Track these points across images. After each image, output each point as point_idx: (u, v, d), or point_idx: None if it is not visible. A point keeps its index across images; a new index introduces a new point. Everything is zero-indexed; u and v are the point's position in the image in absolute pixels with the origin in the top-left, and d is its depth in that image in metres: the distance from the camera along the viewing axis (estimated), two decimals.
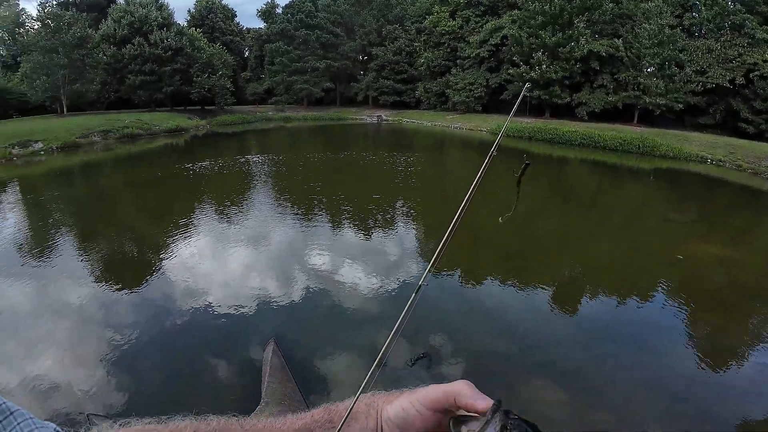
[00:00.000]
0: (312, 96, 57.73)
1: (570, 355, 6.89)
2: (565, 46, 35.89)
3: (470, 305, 8.46)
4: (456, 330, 7.47)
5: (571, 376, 6.34)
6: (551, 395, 5.93)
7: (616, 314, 8.12)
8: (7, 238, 12.42)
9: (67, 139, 27.87)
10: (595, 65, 37.12)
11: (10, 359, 7.05)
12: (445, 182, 20.00)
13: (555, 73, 36.59)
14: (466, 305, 8.44)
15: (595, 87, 38.25)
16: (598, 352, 7.01)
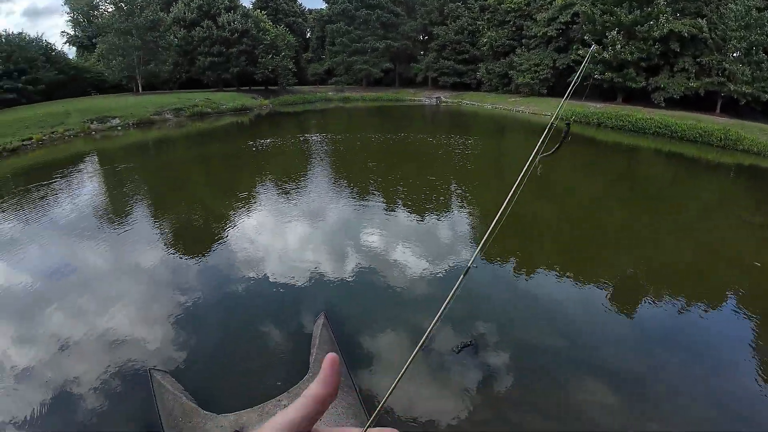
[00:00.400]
0: (371, 76, 57.58)
1: (625, 359, 6.31)
2: (643, 25, 32.62)
3: (521, 296, 8.05)
4: (505, 320, 7.12)
5: (624, 381, 5.83)
6: (602, 398, 5.51)
7: (678, 320, 7.34)
8: (86, 204, 13.53)
9: (142, 116, 29.84)
10: (676, 47, 33.29)
11: (84, 313, 7.64)
12: (502, 167, 19.21)
13: (630, 54, 33.39)
14: (517, 296, 8.05)
15: (675, 71, 34.45)
16: (655, 359, 6.33)
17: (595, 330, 7.06)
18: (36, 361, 6.46)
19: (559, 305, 7.69)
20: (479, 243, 2.01)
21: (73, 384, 5.99)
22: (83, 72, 44.23)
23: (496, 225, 1.98)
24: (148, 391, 5.62)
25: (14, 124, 24.05)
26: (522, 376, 5.94)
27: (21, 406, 5.64)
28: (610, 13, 34.11)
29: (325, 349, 5.84)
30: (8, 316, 7.66)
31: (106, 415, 5.46)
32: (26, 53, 36.59)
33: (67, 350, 6.66)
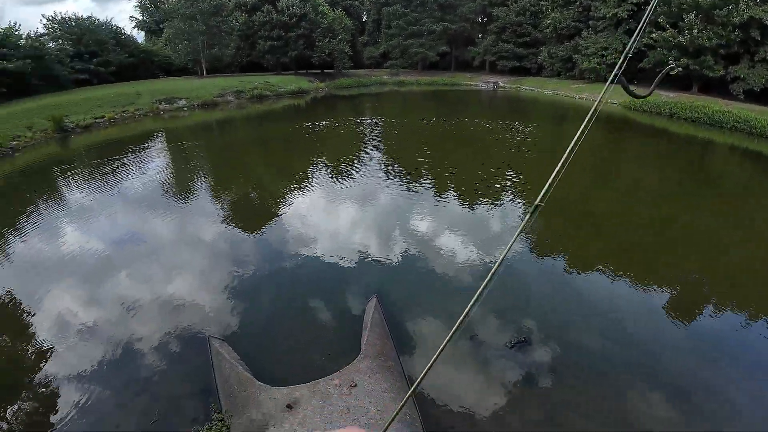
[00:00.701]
0: (427, 60, 56.40)
1: (683, 369, 5.62)
2: (722, 9, 29.23)
3: (577, 294, 7.34)
4: (559, 319, 6.58)
5: (681, 392, 5.19)
6: (657, 410, 4.91)
7: (745, 333, 6.40)
8: (153, 178, 14.18)
9: (206, 98, 31.05)
10: (756, 35, 29.53)
11: (148, 279, 7.94)
12: (561, 157, 17.91)
13: (708, 39, 29.99)
14: (572, 294, 7.36)
15: (756, 60, 30.64)
16: (717, 373, 5.58)
17: (652, 336, 6.34)
18: (102, 320, 6.76)
19: (615, 307, 6.99)
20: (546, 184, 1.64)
21: (135, 342, 6.21)
22: (152, 55, 46.61)
23: (566, 161, 1.71)
24: (205, 356, 5.67)
25: (86, 102, 25.68)
26: (575, 377, 5.47)
27: (84, 361, 5.92)
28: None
29: (376, 332, 5.66)
30: (79, 277, 8.09)
31: (165, 374, 5.59)
32: (96, 36, 38.95)
33: (132, 312, 6.93)
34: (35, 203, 12.26)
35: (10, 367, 6.01)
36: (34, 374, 5.79)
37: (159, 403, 5.13)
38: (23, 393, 5.50)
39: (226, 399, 4.88)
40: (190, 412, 5.02)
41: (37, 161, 17.13)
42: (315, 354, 5.76)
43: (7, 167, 16.23)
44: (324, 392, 4.61)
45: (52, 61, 32.60)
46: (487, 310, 6.71)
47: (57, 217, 11.14)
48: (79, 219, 10.85)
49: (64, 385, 5.55)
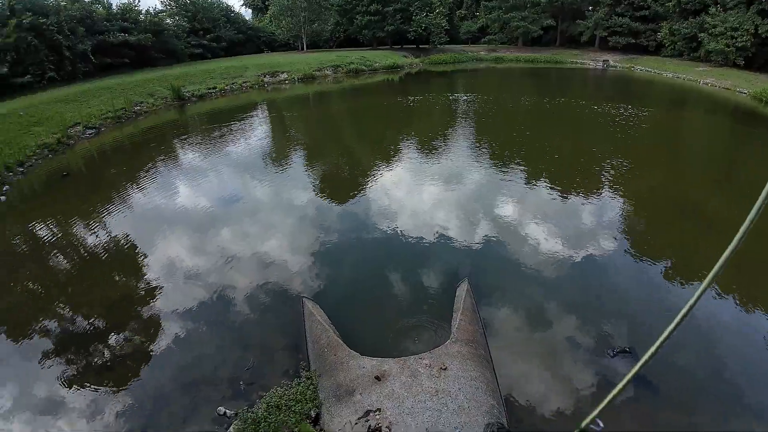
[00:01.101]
0: (528, 35, 52.59)
1: None
2: None
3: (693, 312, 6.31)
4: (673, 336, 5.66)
5: None
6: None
7: None
8: (255, 144, 15.01)
9: (306, 72, 32.15)
10: None
11: (247, 235, 8.37)
12: (677, 150, 15.44)
13: None
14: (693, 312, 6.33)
15: None
16: None
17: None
18: (205, 268, 7.26)
19: (740, 330, 5.82)
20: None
21: (233, 292, 6.58)
22: (258, 32, 49.22)
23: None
24: (297, 314, 5.77)
25: (201, 74, 27.87)
26: (679, 399, 4.70)
27: (187, 302, 6.43)
28: None
29: (467, 317, 5.32)
30: (186, 227, 8.84)
31: (259, 326, 5.85)
32: (209, 14, 41.99)
33: (231, 263, 7.35)
34: (154, 160, 13.59)
35: (123, 300, 6.68)
36: (142, 308, 6.41)
37: (253, 352, 5.33)
38: (132, 324, 6.09)
39: (315, 359, 4.90)
40: (281, 366, 5.15)
41: (159, 124, 18.96)
42: (401, 329, 5.58)
43: (131, 129, 18.17)
44: (413, 370, 4.41)
45: (170, 36, 35.72)
46: (589, 311, 6.03)
47: (170, 173, 12.28)
48: (189, 176, 11.85)
49: (167, 322, 6.07)
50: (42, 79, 23.60)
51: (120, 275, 7.45)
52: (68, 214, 9.92)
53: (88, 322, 6.19)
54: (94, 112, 18.55)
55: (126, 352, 5.56)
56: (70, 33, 25.65)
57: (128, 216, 9.52)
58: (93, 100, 19.98)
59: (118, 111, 19.54)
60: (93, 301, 6.73)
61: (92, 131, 17.29)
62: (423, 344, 5.23)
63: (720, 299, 6.25)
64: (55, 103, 18.62)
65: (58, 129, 15.93)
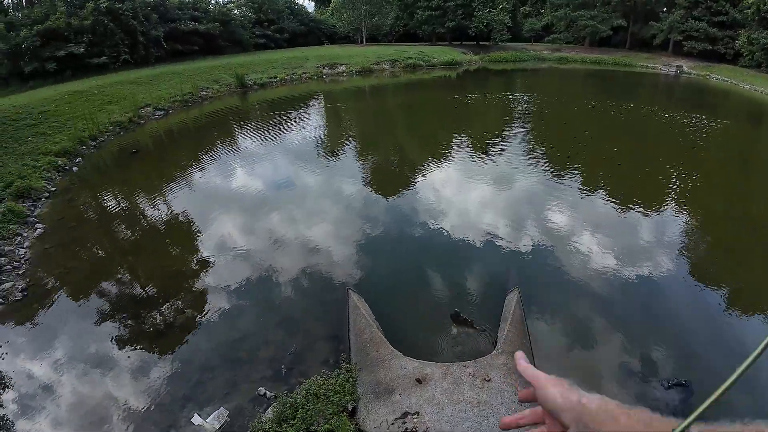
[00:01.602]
0: (596, 35, 49.90)
1: None
2: None
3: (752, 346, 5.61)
4: (728, 370, 5.06)
5: None
6: None
7: None
8: (310, 133, 15.27)
9: (364, 65, 32.36)
10: None
11: (297, 221, 8.52)
12: (750, 168, 13.79)
13: None
14: (747, 344, 5.62)
15: None
16: None
17: None
18: (255, 248, 7.49)
19: None
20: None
21: (280, 274, 6.75)
22: (319, 24, 50.12)
23: None
24: (342, 305, 5.79)
25: (264, 64, 28.72)
26: None
27: (235, 279, 6.66)
28: None
29: (516, 329, 5.09)
30: (240, 208, 9.18)
31: (304, 312, 5.93)
32: (274, 5, 43.23)
33: (279, 247, 7.52)
34: (215, 143, 14.19)
35: (178, 272, 7.01)
36: (195, 282, 6.68)
37: (295, 338, 5.40)
38: (184, 295, 6.36)
39: (357, 353, 4.88)
40: (322, 354, 5.18)
41: (221, 109, 19.78)
42: (446, 334, 5.44)
43: (196, 112, 19.07)
44: (456, 378, 4.27)
45: (237, 26, 37.12)
46: (643, 335, 5.61)
47: (229, 156, 12.78)
48: (245, 160, 12.32)
49: (217, 297, 6.30)
50: (117, 61, 25.27)
51: (176, 249, 7.84)
52: (134, 188, 10.58)
53: (144, 290, 6.57)
54: (163, 95, 19.63)
55: (177, 322, 5.82)
56: (145, 19, 27.25)
57: (188, 194, 9.99)
58: (163, 84, 21.13)
59: (186, 95, 20.56)
60: (150, 271, 7.13)
61: (161, 112, 18.30)
62: (467, 351, 5.07)
63: None
64: (128, 85, 19.86)
65: (130, 108, 16.98)
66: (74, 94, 16.93)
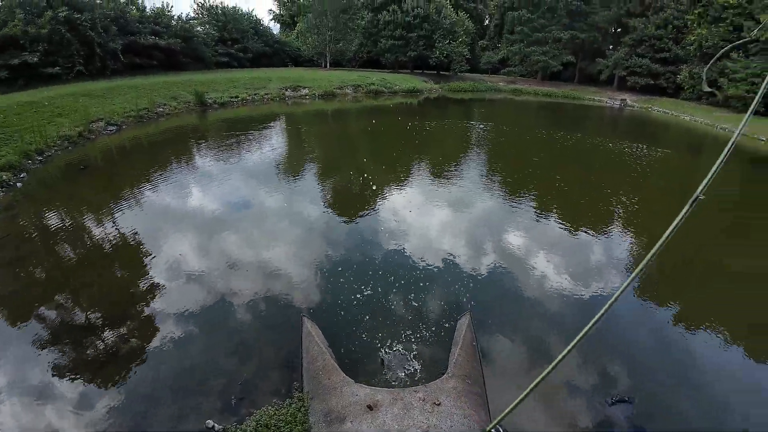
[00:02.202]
0: (548, 69, 53.27)
1: None
2: None
3: (698, 363, 6.14)
4: (673, 386, 5.47)
5: None
6: None
7: None
8: (269, 155, 15.21)
9: (327, 89, 32.80)
10: None
11: (253, 244, 8.40)
12: (688, 194, 15.35)
13: None
14: (693, 361, 6.16)
15: None
16: None
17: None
18: (208, 272, 7.31)
19: (745, 382, 5.70)
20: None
21: (233, 299, 6.61)
22: (284, 46, 50.46)
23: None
24: (296, 331, 5.75)
25: (226, 82, 28.55)
26: None
27: (187, 305, 6.44)
28: None
29: (466, 353, 5.27)
30: (193, 229, 8.93)
31: (256, 339, 5.81)
32: (239, 25, 43.30)
33: (234, 271, 7.39)
34: (169, 161, 13.86)
35: (124, 297, 6.74)
36: (142, 307, 6.45)
37: (247, 366, 5.30)
38: (130, 322, 6.12)
39: (309, 380, 4.86)
40: (274, 383, 5.10)
41: (178, 127, 19.38)
42: (398, 360, 5.51)
43: (152, 129, 18.60)
44: (407, 403, 4.35)
45: (199, 43, 36.78)
46: (589, 355, 5.91)
47: (184, 175, 12.48)
48: (201, 180, 12.07)
49: (165, 324, 6.08)
50: (71, 72, 24.35)
51: (123, 272, 7.53)
52: (80, 206, 10.12)
53: (87, 315, 6.25)
54: (117, 110, 19.03)
55: (123, 350, 5.57)
56: (103, 31, 26.58)
57: (139, 214, 9.65)
58: (118, 98, 20.51)
59: (141, 110, 20.03)
60: (94, 295, 6.81)
61: (114, 128, 17.69)
62: (419, 376, 5.17)
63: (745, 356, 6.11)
64: (81, 97, 19.14)
65: (81, 122, 16.33)
66: (24, 105, 16.14)
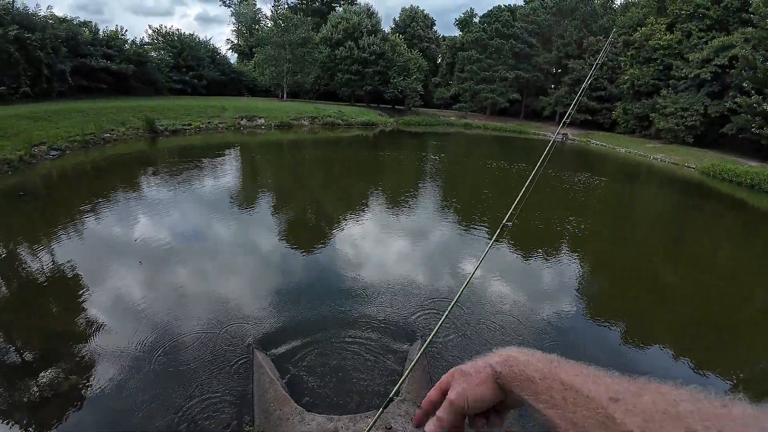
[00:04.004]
0: (496, 106, 56.63)
1: None
2: None
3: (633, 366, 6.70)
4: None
5: None
6: None
7: None
8: (222, 185, 14.99)
9: (283, 119, 32.93)
10: None
11: (200, 279, 8.18)
12: (625, 218, 16.94)
13: None
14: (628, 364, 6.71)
15: None
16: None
17: None
18: (152, 307, 6.99)
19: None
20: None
21: (181, 334, 6.33)
22: (241, 76, 50.56)
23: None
24: (247, 364, 5.64)
25: (179, 110, 28.03)
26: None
27: (130, 341, 6.08)
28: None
29: (417, 376, 5.42)
30: (137, 260, 8.51)
31: (202, 371, 5.59)
32: (195, 52, 43.14)
33: (181, 304, 7.13)
34: (115, 189, 13.31)
35: (62, 334, 6.32)
36: (81, 344, 6.04)
37: (195, 402, 5.12)
38: (68, 360, 5.73)
39: (260, 413, 4.78)
40: (224, 418, 4.95)
41: (126, 153, 18.73)
42: (351, 386, 5.55)
43: (97, 155, 17.88)
44: (359, 429, 4.39)
45: (153, 69, 36.13)
46: None
47: (129, 204, 12.00)
48: (148, 210, 11.63)
49: (106, 361, 5.71)
50: (16, 92, 23.16)
51: (62, 306, 7.09)
52: (17, 235, 9.49)
53: (21, 353, 5.82)
54: (62, 134, 18.20)
55: (59, 391, 5.23)
56: (53, 51, 25.64)
57: (79, 245, 9.17)
58: (63, 121, 19.64)
59: (87, 135, 19.24)
60: (30, 331, 6.36)
61: (57, 152, 16.87)
62: (371, 402, 5.22)
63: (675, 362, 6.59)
64: (24, 119, 18.18)
65: (23, 146, 15.47)
66: None
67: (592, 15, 52.50)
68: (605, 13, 53.72)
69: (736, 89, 33.21)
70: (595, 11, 53.11)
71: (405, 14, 65.42)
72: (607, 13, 53.82)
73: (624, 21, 46.73)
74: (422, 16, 66.08)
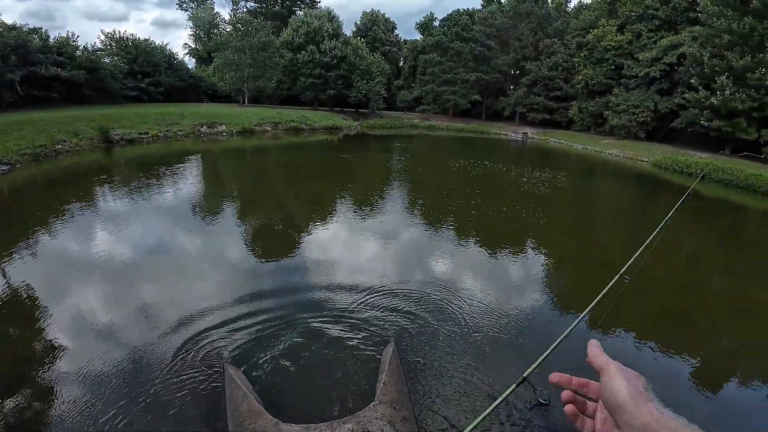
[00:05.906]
0: (458, 107, 57.72)
1: None
2: (754, 72, 29.10)
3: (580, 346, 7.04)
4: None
5: None
6: None
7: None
8: (183, 196, 14.56)
9: (245, 125, 32.28)
10: None
11: (169, 291, 7.95)
12: (585, 208, 17.75)
13: (741, 102, 29.66)
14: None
15: None
16: None
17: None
18: (117, 326, 6.71)
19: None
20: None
21: (149, 352, 6.11)
22: (199, 81, 49.27)
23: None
24: (218, 378, 5.53)
25: (134, 117, 27.00)
26: None
27: (94, 363, 5.82)
28: (720, 57, 31.02)
29: (393, 379, 5.45)
30: (100, 279, 8.21)
31: (173, 389, 5.43)
32: (151, 58, 41.74)
33: (146, 321, 6.87)
34: (68, 203, 12.69)
35: (20, 358, 5.99)
36: (41, 369, 5.74)
37: (166, 422, 4.98)
38: (25, 387, 5.43)
39: (234, 428, 4.70)
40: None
41: (79, 165, 17.88)
42: (327, 393, 5.54)
43: (49, 167, 17.01)
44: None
45: (106, 76, 34.73)
46: (513, 367, 6.39)
47: (85, 219, 11.47)
48: (106, 223, 11.13)
49: (72, 385, 5.45)
50: None
51: (19, 330, 6.72)
52: None
53: None
54: (11, 147, 17.21)
55: (24, 418, 4.96)
56: (1, 60, 24.21)
57: (33, 264, 8.70)
58: (13, 134, 18.57)
59: (38, 147, 18.27)
60: None
61: (6, 167, 15.94)
62: (347, 407, 5.22)
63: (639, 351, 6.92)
64: None
65: None
66: None
67: (546, 18, 54.48)
68: (559, 16, 55.95)
69: (685, 85, 35.39)
70: (550, 15, 55.19)
71: (366, 18, 65.75)
72: (561, 16, 56.08)
73: (577, 23, 48.88)
74: (383, 20, 66.58)
